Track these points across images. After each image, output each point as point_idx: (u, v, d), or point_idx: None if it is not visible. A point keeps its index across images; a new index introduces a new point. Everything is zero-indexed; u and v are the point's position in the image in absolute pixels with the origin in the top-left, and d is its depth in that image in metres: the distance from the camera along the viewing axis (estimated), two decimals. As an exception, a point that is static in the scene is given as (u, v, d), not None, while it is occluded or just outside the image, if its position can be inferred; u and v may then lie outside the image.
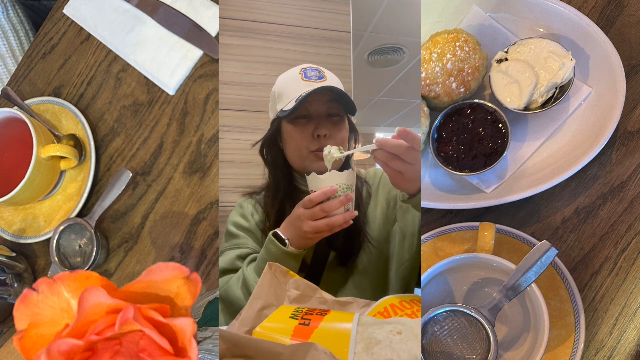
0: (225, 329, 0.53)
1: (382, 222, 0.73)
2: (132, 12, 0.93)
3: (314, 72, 0.72)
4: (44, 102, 0.92)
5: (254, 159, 0.78)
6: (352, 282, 0.72)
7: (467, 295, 0.74)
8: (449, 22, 0.80)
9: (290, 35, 1.28)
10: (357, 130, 0.77)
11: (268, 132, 0.76)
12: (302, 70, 0.72)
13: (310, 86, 0.70)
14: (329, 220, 0.62)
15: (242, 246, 0.73)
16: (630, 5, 0.78)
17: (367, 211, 0.75)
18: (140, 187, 0.89)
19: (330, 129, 0.71)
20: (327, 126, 0.71)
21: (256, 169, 0.79)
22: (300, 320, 0.52)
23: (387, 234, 0.73)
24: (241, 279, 0.67)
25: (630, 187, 0.75)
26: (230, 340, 0.45)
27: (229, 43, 1.23)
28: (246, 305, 0.57)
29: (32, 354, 0.40)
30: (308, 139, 0.71)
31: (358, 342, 0.46)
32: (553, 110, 0.75)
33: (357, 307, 0.57)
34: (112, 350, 0.39)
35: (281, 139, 0.75)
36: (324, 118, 0.72)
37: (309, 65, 0.73)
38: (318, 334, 0.49)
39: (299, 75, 0.72)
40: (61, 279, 0.41)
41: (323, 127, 0.71)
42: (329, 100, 0.72)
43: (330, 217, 0.63)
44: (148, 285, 0.41)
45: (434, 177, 0.79)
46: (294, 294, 0.59)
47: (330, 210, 0.62)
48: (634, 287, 0.73)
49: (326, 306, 0.57)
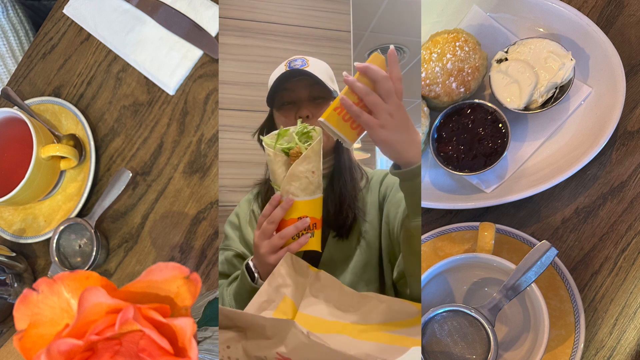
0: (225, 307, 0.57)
1: (375, 216, 0.73)
2: (132, 12, 0.93)
3: (298, 61, 0.73)
4: (44, 102, 0.92)
5: (254, 158, 0.78)
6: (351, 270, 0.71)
7: (467, 295, 0.74)
8: (449, 22, 0.80)
9: (290, 35, 1.28)
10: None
11: (264, 121, 0.78)
12: (288, 62, 0.74)
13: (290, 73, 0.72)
14: (288, 249, 0.61)
15: (229, 248, 0.74)
16: (630, 5, 0.78)
17: (365, 205, 0.74)
18: (140, 187, 0.89)
19: (312, 111, 0.72)
20: (309, 108, 0.72)
21: (256, 169, 0.79)
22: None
23: (379, 228, 0.72)
24: (221, 297, 0.68)
25: (630, 187, 0.75)
26: (224, 314, 0.54)
27: (229, 43, 1.23)
28: (265, 283, 0.60)
29: (32, 354, 0.40)
30: (292, 121, 0.72)
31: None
32: (553, 110, 0.75)
33: (377, 302, 0.59)
34: (112, 350, 0.39)
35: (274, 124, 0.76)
36: (306, 101, 0.73)
37: (296, 56, 0.75)
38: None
39: (283, 67, 0.73)
40: (61, 279, 0.41)
41: (304, 108, 0.72)
42: (311, 84, 0.72)
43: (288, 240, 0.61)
44: (148, 285, 0.41)
45: (434, 177, 0.79)
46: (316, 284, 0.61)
47: (286, 238, 0.61)
48: (634, 287, 0.73)
49: (346, 297, 0.60)
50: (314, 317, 0.59)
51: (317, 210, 0.64)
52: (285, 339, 0.51)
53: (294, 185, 0.62)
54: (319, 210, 0.64)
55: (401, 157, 0.56)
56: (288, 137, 0.65)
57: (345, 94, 0.56)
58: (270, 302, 0.59)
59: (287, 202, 0.61)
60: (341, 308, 0.59)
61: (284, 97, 0.73)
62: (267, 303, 0.59)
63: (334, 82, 0.75)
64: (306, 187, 0.63)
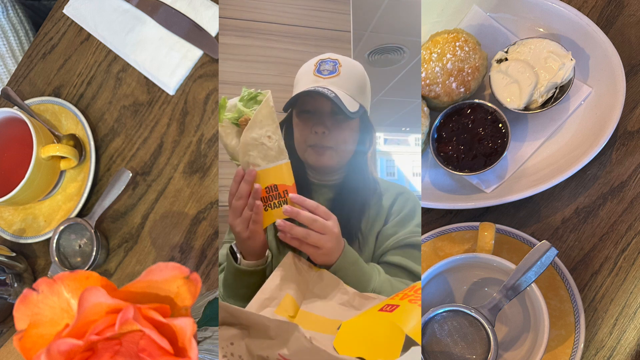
0: (226, 303, 0.56)
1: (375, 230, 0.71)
2: (132, 12, 0.93)
3: (329, 65, 0.68)
4: (44, 102, 0.92)
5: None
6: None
7: (467, 295, 0.74)
8: (449, 22, 0.80)
9: (290, 35, 1.28)
10: (371, 129, 0.72)
11: (284, 118, 0.74)
12: (318, 62, 0.69)
13: (316, 83, 0.67)
14: (253, 221, 0.60)
15: (230, 241, 0.72)
16: (630, 5, 0.78)
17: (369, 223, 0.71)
18: (140, 187, 0.89)
19: (330, 127, 0.68)
20: (327, 124, 0.68)
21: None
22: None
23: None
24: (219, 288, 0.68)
25: (630, 187, 0.75)
26: (227, 311, 0.54)
27: (229, 43, 1.23)
28: (268, 279, 0.60)
29: (32, 354, 0.40)
30: (307, 133, 0.69)
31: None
32: (553, 110, 0.75)
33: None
34: (112, 350, 0.39)
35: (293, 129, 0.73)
36: (326, 115, 0.68)
37: (327, 57, 0.69)
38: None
39: (313, 67, 0.69)
40: (61, 279, 0.41)
41: (321, 124, 0.68)
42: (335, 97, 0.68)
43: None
44: (148, 285, 0.41)
45: (434, 177, 0.79)
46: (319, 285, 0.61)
47: (241, 198, 0.60)
48: (634, 287, 0.73)
49: (347, 297, 0.60)
50: (316, 315, 0.59)
51: (286, 176, 0.61)
52: (288, 342, 0.51)
53: (252, 154, 0.60)
54: (288, 176, 0.61)
55: (331, 261, 0.61)
56: (230, 108, 0.62)
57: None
58: (272, 300, 0.59)
59: (249, 173, 0.60)
60: (343, 307, 0.60)
61: (306, 103, 0.69)
62: (269, 300, 0.59)
63: (364, 92, 0.70)
64: (266, 154, 0.60)
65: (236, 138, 0.61)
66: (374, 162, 0.75)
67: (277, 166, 0.61)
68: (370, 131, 0.72)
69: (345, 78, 0.68)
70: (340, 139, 0.69)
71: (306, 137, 0.69)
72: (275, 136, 0.61)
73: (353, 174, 0.71)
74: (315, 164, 0.69)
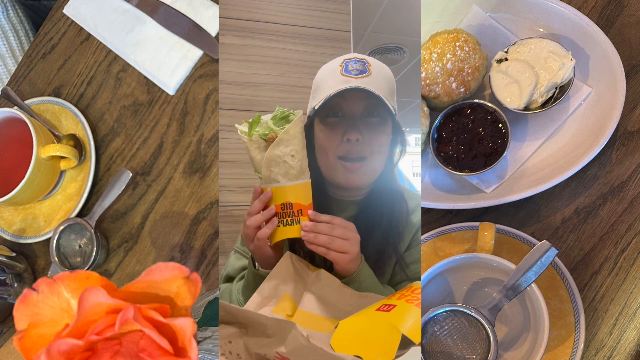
0: (226, 303, 0.57)
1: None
2: (132, 12, 0.93)
3: (357, 64, 0.63)
4: (44, 102, 0.92)
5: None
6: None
7: (467, 295, 0.74)
8: (449, 22, 0.80)
9: (290, 35, 1.27)
10: (403, 134, 0.67)
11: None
12: (344, 62, 0.63)
13: (347, 83, 0.61)
14: (256, 237, 0.61)
15: (246, 255, 0.70)
16: (630, 5, 0.78)
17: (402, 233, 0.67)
18: (140, 187, 0.89)
19: (365, 133, 0.62)
20: (361, 129, 0.62)
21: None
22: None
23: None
24: (229, 292, 0.67)
25: (630, 187, 0.75)
26: (225, 310, 0.55)
27: (229, 43, 1.22)
28: (266, 279, 0.61)
29: (32, 354, 0.40)
30: (336, 142, 0.63)
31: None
32: (553, 110, 0.75)
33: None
34: (112, 350, 0.39)
35: (313, 139, 0.66)
36: (358, 119, 0.63)
37: (353, 56, 0.64)
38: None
39: (339, 67, 0.63)
40: (61, 279, 0.41)
41: (354, 130, 0.62)
42: (368, 97, 0.62)
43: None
44: (148, 285, 0.41)
45: (434, 177, 0.79)
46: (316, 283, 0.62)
47: (251, 214, 0.60)
48: (634, 287, 0.73)
49: (345, 296, 0.60)
50: (313, 314, 0.59)
51: (302, 195, 0.61)
52: (285, 340, 0.51)
53: (274, 170, 0.60)
54: (305, 196, 0.61)
55: (353, 269, 0.61)
56: (262, 124, 0.62)
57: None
58: (270, 299, 0.59)
59: (266, 194, 0.60)
60: (340, 307, 0.60)
61: (333, 106, 0.63)
62: (267, 299, 0.59)
63: (393, 94, 0.65)
64: (287, 172, 0.60)
65: (262, 153, 0.62)
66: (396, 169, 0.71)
67: (295, 185, 0.61)
68: (403, 136, 0.67)
69: (378, 78, 0.63)
70: (375, 145, 0.64)
71: (336, 147, 0.63)
72: (299, 155, 0.61)
73: (380, 186, 0.66)
74: (346, 182, 0.64)
